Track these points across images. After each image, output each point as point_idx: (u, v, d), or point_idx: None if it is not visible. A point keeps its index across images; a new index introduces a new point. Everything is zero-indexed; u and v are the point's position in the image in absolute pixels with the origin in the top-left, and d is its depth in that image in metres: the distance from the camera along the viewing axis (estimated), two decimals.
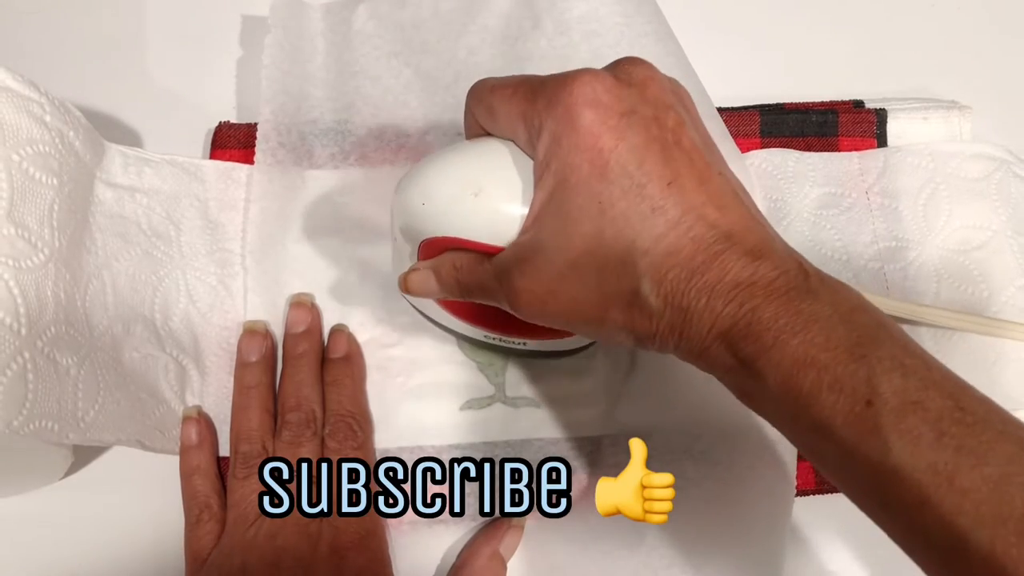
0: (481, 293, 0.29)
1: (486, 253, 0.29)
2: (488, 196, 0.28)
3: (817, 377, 0.22)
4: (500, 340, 0.36)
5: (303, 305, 0.38)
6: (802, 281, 0.24)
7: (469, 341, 0.38)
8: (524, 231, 0.28)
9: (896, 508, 0.22)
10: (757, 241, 0.25)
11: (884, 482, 0.22)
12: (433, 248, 0.30)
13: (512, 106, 0.28)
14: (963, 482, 0.20)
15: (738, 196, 0.26)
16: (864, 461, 0.22)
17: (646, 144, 0.25)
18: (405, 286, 0.32)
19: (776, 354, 0.23)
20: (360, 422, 0.35)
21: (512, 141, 0.29)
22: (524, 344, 0.36)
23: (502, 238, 0.28)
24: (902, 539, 0.22)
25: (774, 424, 0.25)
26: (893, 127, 0.42)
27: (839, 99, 0.43)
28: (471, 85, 0.30)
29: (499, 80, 0.29)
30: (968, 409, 0.21)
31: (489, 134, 0.30)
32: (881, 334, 0.23)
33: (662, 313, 0.25)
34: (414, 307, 0.37)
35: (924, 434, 0.21)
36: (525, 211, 0.28)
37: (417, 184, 0.30)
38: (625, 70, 0.27)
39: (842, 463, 0.23)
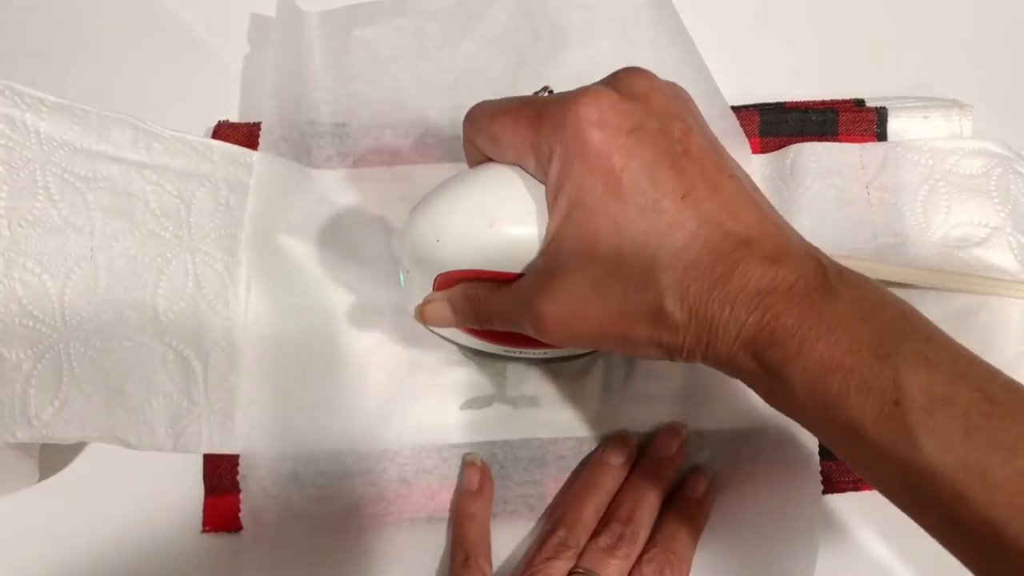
0: (501, 320, 0.30)
1: (502, 280, 0.29)
2: (503, 225, 0.28)
3: (844, 380, 0.23)
4: (519, 353, 0.36)
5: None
6: (822, 281, 0.24)
7: (476, 352, 0.38)
8: (541, 255, 0.28)
9: (931, 506, 0.22)
10: (775, 244, 0.25)
11: (917, 481, 0.22)
12: (449, 280, 0.31)
13: (517, 134, 0.28)
14: (995, 476, 0.20)
15: (752, 197, 0.26)
16: (896, 461, 0.22)
17: (656, 159, 0.25)
18: (422, 317, 0.32)
19: (802, 360, 0.23)
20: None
21: (519, 166, 0.29)
22: (536, 354, 0.36)
23: (518, 265, 0.28)
24: (939, 535, 0.23)
25: (805, 427, 0.25)
26: (893, 125, 0.41)
27: (840, 98, 0.43)
28: (467, 110, 0.30)
29: (497, 106, 0.29)
30: (997, 400, 0.22)
31: (491, 159, 0.30)
32: (905, 327, 0.23)
33: (688, 326, 0.25)
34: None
35: (954, 430, 0.21)
36: (540, 236, 0.28)
37: (429, 220, 0.30)
38: (626, 83, 0.27)
39: (875, 463, 0.23)
